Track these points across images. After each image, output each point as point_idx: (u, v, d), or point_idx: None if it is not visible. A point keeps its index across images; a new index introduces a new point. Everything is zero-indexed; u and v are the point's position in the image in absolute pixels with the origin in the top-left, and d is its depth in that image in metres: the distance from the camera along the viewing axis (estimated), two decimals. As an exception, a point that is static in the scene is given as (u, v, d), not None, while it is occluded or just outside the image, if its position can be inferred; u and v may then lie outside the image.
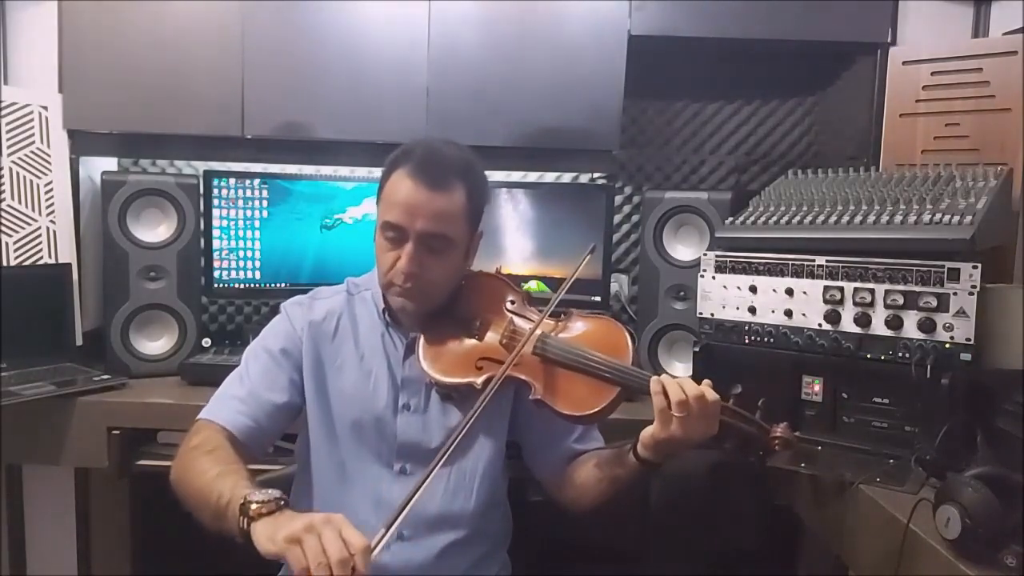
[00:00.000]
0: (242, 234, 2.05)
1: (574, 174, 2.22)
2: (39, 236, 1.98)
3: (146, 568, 2.16)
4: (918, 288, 1.39)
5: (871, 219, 1.49)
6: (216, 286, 2.06)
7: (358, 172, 2.11)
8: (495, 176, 2.15)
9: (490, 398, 1.23)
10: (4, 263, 1.93)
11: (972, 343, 1.34)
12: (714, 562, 1.62)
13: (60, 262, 1.99)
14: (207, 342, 1.98)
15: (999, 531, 1.05)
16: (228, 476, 1.12)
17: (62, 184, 2.01)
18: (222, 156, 2.11)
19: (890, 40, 1.98)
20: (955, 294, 1.35)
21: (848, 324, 1.46)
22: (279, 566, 1.28)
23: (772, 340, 1.55)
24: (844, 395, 1.54)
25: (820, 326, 1.50)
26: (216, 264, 2.04)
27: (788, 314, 1.53)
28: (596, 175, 2.22)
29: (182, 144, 2.07)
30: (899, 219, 1.46)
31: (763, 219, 1.63)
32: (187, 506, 1.18)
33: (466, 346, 1.36)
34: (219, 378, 1.38)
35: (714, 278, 1.63)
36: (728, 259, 1.61)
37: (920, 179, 1.57)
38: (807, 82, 2.26)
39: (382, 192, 1.32)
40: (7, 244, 1.95)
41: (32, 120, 1.97)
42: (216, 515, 1.08)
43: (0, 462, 1.83)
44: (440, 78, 1.97)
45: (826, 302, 1.49)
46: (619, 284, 2.24)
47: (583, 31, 1.96)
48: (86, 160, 2.07)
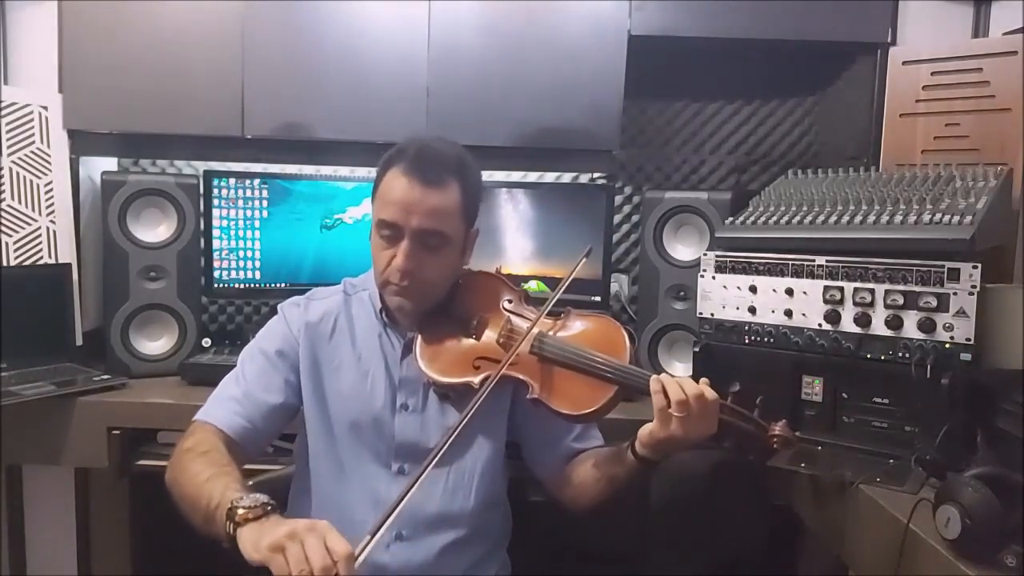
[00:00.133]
0: (242, 234, 2.05)
1: (574, 174, 2.22)
2: (39, 236, 1.98)
3: (146, 568, 2.16)
4: (918, 288, 1.39)
5: (871, 219, 1.49)
6: (216, 286, 2.06)
7: (358, 172, 2.10)
8: (495, 176, 2.15)
9: (488, 397, 1.23)
10: (4, 263, 1.93)
11: (972, 343, 1.34)
12: (714, 562, 1.62)
13: (60, 262, 1.99)
14: (207, 342, 1.99)
15: (999, 531, 1.05)
16: (219, 479, 1.11)
17: (62, 184, 2.01)
18: (222, 156, 2.11)
19: (890, 40, 1.98)
20: (955, 294, 1.35)
21: (848, 324, 1.46)
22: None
23: (772, 340, 1.55)
24: (844, 395, 1.53)
25: (820, 326, 1.50)
26: (216, 264, 2.04)
27: (788, 314, 1.53)
28: (596, 175, 2.21)
29: (182, 144, 2.07)
30: (899, 219, 1.46)
31: (763, 219, 1.63)
32: (180, 508, 1.17)
33: (463, 346, 1.36)
34: (219, 378, 1.38)
35: (714, 278, 1.63)
36: (728, 259, 1.61)
37: (920, 179, 1.57)
38: (807, 82, 2.26)
39: (377, 191, 1.33)
40: (7, 244, 1.95)
41: (32, 120, 1.97)
42: (206, 519, 1.08)
43: (0, 462, 1.83)
44: (440, 78, 1.97)
45: (826, 302, 1.49)
46: (619, 284, 2.24)
47: (583, 31, 1.96)
48: (86, 160, 2.07)
